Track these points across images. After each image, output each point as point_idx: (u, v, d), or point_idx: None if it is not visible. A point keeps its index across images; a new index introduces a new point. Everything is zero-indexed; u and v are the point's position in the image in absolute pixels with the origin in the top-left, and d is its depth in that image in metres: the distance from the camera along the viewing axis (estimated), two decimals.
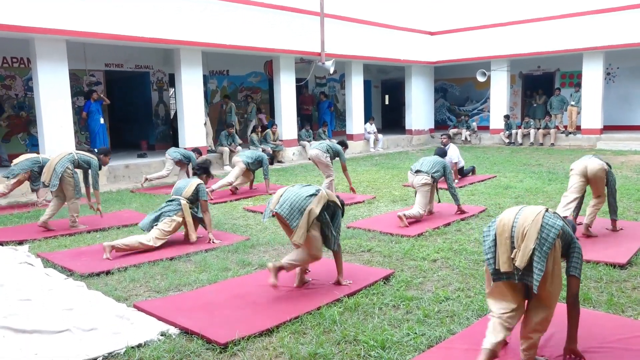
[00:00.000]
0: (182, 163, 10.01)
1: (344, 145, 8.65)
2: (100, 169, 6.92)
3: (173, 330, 3.53)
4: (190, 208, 5.81)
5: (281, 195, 4.15)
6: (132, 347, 3.29)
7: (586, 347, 3.08)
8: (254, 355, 3.20)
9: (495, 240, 2.87)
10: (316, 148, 8.32)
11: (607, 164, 5.61)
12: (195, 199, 5.88)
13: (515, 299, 2.86)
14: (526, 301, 2.92)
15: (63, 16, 9.50)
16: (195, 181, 5.91)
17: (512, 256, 2.78)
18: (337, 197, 4.35)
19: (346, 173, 8.37)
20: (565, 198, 5.66)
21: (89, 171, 6.79)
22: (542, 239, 2.73)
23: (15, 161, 8.01)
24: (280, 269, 4.04)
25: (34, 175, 7.95)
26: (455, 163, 9.70)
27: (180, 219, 5.71)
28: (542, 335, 2.88)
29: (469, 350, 3.02)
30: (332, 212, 4.25)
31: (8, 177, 7.82)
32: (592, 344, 3.14)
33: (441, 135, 10.33)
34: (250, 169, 9.12)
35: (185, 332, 3.51)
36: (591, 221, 5.57)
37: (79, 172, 6.85)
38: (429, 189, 6.62)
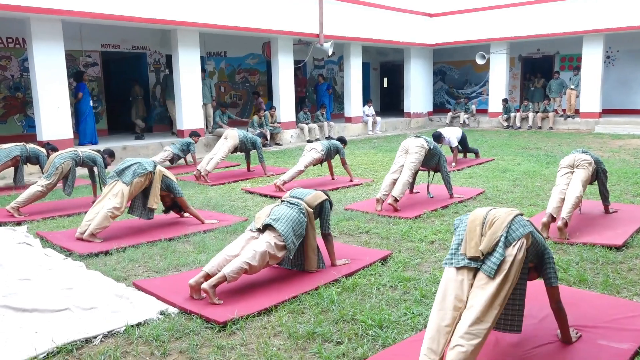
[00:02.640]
0: (183, 152, 10.13)
1: (344, 142, 8.55)
2: (105, 167, 6.94)
3: (172, 310, 3.55)
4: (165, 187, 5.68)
5: (271, 210, 4.07)
6: (132, 326, 3.31)
7: (582, 327, 3.12)
8: (252, 334, 3.23)
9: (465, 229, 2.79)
10: (315, 150, 8.03)
11: (597, 160, 5.54)
12: (168, 188, 5.68)
13: (466, 291, 2.64)
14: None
15: None
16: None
17: (479, 242, 2.69)
18: (322, 192, 4.36)
19: (346, 167, 8.27)
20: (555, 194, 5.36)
21: (95, 168, 6.78)
22: (510, 230, 2.67)
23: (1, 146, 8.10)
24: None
25: (21, 162, 8.05)
26: (456, 147, 9.68)
27: (142, 180, 5.44)
28: (479, 343, 2.50)
29: None
30: (318, 209, 4.26)
31: None
32: (588, 324, 3.17)
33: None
34: (241, 147, 9.05)
35: (185, 311, 3.53)
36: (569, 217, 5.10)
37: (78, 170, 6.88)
38: (418, 163, 6.55)
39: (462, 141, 9.96)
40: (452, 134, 9.69)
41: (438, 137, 9.22)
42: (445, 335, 2.56)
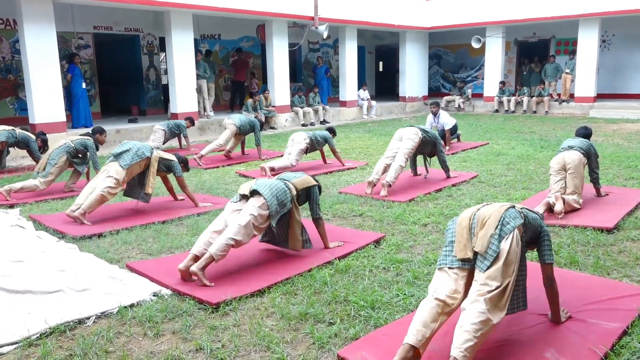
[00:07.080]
0: (173, 133, 9.86)
1: (333, 132, 8.50)
2: (97, 149, 6.91)
3: (165, 291, 3.56)
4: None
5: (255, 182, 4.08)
6: (125, 307, 3.32)
7: (572, 307, 3.16)
8: (245, 315, 3.25)
9: (454, 232, 2.83)
10: (298, 142, 7.88)
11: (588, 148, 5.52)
12: (169, 169, 5.72)
13: (462, 286, 2.69)
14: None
15: None
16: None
17: (472, 244, 2.72)
18: (312, 177, 4.34)
19: (337, 155, 8.19)
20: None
21: (88, 153, 6.74)
22: (502, 225, 2.69)
23: None
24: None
25: (8, 146, 8.03)
26: (449, 130, 9.66)
27: (139, 164, 5.44)
28: (483, 335, 2.51)
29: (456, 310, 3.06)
30: (305, 193, 4.26)
31: None
32: (577, 304, 3.21)
33: (430, 104, 9.99)
34: (241, 132, 9.04)
35: (178, 293, 3.54)
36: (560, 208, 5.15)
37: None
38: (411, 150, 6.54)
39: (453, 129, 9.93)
40: (445, 118, 9.65)
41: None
42: (434, 322, 2.58)
